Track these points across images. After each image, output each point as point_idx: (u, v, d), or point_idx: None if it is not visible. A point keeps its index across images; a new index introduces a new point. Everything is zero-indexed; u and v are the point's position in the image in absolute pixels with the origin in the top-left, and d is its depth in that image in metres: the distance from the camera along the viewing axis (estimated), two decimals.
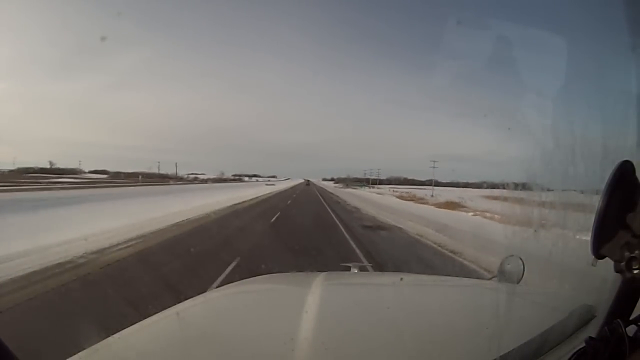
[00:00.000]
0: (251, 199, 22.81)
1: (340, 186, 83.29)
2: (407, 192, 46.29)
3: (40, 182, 39.07)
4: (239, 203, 18.89)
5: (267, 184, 67.15)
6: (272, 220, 12.29)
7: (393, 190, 57.36)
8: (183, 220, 10.79)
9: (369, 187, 74.10)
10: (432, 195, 36.79)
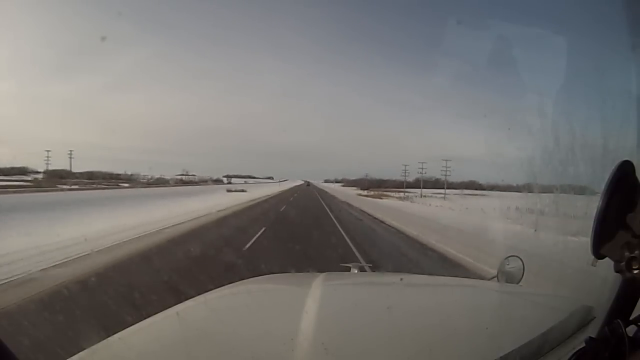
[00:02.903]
0: None
1: (361, 192, 49.75)
2: None
3: None
4: None
5: (230, 190, 38.62)
6: None
7: None
8: None
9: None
10: None
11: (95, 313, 3.77)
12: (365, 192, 49.85)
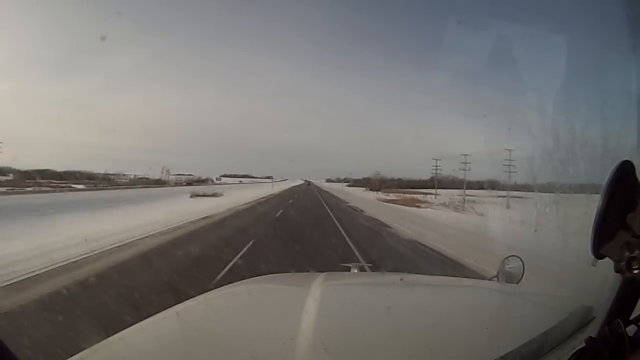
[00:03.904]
0: None
1: (380, 197, 35.61)
2: None
3: None
4: None
5: (196, 195, 24.74)
6: None
7: None
8: None
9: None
10: None
11: None
12: (383, 196, 36.63)
